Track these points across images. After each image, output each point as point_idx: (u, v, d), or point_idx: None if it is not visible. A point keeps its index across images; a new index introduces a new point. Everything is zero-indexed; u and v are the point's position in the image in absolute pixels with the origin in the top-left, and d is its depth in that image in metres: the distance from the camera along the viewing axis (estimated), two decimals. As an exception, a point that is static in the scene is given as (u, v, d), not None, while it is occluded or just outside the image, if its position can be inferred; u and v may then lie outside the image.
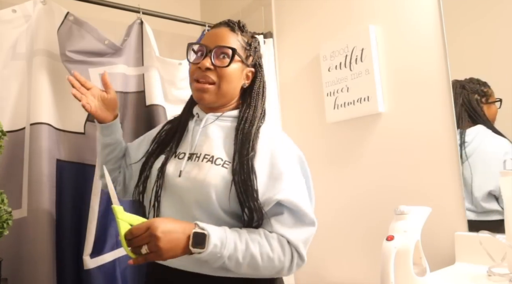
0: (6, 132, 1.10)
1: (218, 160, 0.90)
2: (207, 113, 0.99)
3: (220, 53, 0.94)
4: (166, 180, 0.93)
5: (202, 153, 0.92)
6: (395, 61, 1.42)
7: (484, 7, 1.18)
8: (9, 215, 0.98)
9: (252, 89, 1.00)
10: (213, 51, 0.94)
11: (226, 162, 0.90)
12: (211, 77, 0.93)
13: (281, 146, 0.94)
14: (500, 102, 1.15)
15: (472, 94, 1.21)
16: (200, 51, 0.97)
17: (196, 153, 0.94)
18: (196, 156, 0.93)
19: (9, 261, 1.18)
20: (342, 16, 1.62)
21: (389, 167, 1.43)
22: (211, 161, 0.90)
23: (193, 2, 2.47)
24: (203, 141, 0.95)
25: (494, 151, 1.17)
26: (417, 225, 0.92)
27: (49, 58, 1.39)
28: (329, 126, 1.67)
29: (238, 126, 0.94)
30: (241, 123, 0.94)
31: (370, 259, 1.49)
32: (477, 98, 1.20)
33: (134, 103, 1.54)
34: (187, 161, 0.93)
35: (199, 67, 0.94)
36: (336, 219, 1.63)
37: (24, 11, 1.38)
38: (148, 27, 1.60)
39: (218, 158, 0.90)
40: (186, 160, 0.93)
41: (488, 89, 1.18)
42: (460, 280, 1.02)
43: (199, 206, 0.88)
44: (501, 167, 1.13)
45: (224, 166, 0.89)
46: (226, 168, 0.89)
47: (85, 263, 1.30)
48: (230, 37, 0.96)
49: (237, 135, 0.92)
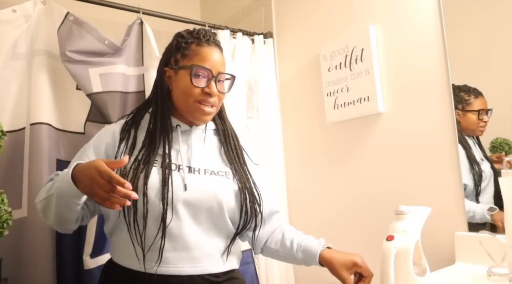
0: (6, 132, 1.10)
1: (220, 172, 0.99)
2: (191, 126, 1.04)
3: (222, 79, 1.01)
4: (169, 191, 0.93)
5: (201, 166, 0.98)
6: (395, 61, 1.42)
7: (484, 7, 1.18)
8: (9, 215, 0.98)
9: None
10: (217, 77, 0.99)
11: (227, 173, 0.99)
12: (216, 102, 1.00)
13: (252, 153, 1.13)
14: (487, 112, 1.17)
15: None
16: (202, 74, 0.98)
17: (193, 166, 0.98)
18: (195, 169, 0.97)
19: (9, 261, 1.18)
20: (342, 16, 1.62)
21: (389, 167, 1.43)
22: (214, 173, 0.98)
23: (193, 2, 2.47)
24: (197, 154, 1.00)
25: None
26: (417, 225, 0.92)
27: (49, 58, 1.39)
28: (329, 126, 1.67)
29: (225, 140, 1.06)
30: (226, 137, 1.06)
31: (370, 259, 1.49)
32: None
33: (134, 103, 1.53)
34: (177, 172, 0.96)
35: (208, 93, 0.97)
36: (336, 219, 1.63)
37: (24, 11, 1.38)
38: (148, 27, 1.60)
39: (219, 170, 1.00)
40: (187, 173, 0.96)
41: (470, 97, 1.20)
42: (460, 280, 1.03)
43: (209, 215, 0.95)
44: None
45: (227, 177, 0.99)
46: (229, 178, 0.99)
47: (85, 263, 1.30)
48: (224, 61, 1.03)
49: (227, 150, 1.04)
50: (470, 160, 1.20)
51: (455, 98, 1.23)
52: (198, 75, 0.97)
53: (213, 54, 1.00)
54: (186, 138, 1.02)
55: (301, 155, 1.80)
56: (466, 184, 1.20)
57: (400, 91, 1.41)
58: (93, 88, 1.41)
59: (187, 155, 0.99)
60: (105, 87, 1.43)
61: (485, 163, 1.17)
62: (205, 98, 0.97)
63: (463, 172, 1.21)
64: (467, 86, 1.22)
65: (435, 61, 1.30)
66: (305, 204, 1.80)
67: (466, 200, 1.20)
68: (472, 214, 1.19)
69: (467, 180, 1.20)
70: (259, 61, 1.86)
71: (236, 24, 2.09)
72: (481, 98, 1.19)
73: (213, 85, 0.97)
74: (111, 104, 1.44)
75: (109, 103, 1.43)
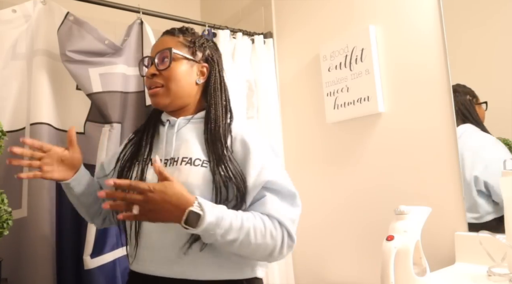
0: (6, 132, 1.10)
1: (196, 161, 0.91)
2: (178, 118, 1.01)
3: (162, 57, 0.98)
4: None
5: (180, 157, 0.93)
6: (395, 61, 1.42)
7: (484, 6, 1.18)
8: (9, 215, 0.98)
9: (209, 86, 1.02)
10: (155, 58, 0.98)
11: (205, 161, 0.91)
12: (158, 81, 0.97)
13: (252, 137, 0.96)
14: (486, 104, 1.18)
15: (464, 95, 1.23)
16: (147, 63, 1.04)
17: (173, 157, 0.95)
18: (174, 161, 0.94)
19: (9, 261, 1.18)
20: (342, 16, 1.62)
21: (389, 167, 1.43)
22: (189, 163, 0.91)
23: (193, 2, 2.47)
24: (179, 145, 0.96)
25: (482, 145, 1.20)
26: (417, 225, 0.92)
27: (49, 58, 1.39)
28: (329, 126, 1.67)
29: (205, 128, 0.96)
30: (207, 125, 0.96)
31: (370, 259, 1.49)
32: (469, 99, 1.22)
33: (134, 103, 1.54)
34: (165, 167, 0.94)
35: (147, 76, 0.99)
36: (336, 219, 1.63)
37: (24, 11, 1.38)
38: (148, 27, 1.60)
39: (196, 159, 0.92)
40: (163, 166, 0.94)
41: (474, 92, 1.22)
42: (460, 280, 1.02)
43: None
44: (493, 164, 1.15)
45: (204, 166, 0.90)
46: (206, 167, 0.90)
47: (85, 263, 1.30)
48: (169, 41, 0.99)
49: (206, 138, 0.94)
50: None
51: (469, 94, 1.23)
52: (142, 66, 1.06)
53: (156, 42, 1.02)
54: (171, 130, 1.00)
55: (301, 155, 1.80)
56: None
57: (400, 91, 1.41)
58: (93, 88, 1.41)
59: (166, 147, 0.98)
60: (105, 87, 1.43)
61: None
62: (148, 82, 0.99)
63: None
64: (461, 84, 1.24)
65: (435, 61, 1.30)
66: (305, 204, 1.79)
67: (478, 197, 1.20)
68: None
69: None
70: (259, 61, 1.86)
71: (236, 24, 2.09)
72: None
73: (151, 67, 0.98)
74: (111, 104, 1.44)
75: (109, 103, 1.43)
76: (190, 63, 1.00)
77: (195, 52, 1.01)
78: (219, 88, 1.01)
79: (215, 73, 1.02)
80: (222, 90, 1.02)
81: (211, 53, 1.04)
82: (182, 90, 0.98)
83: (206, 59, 1.03)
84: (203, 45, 1.03)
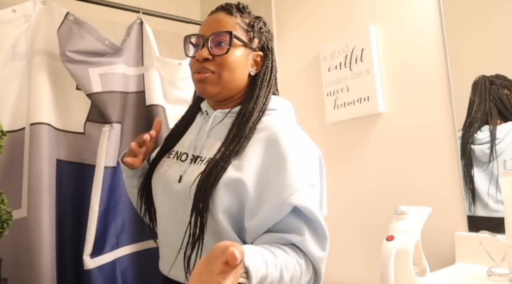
0: (6, 132, 1.11)
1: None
2: (216, 110, 0.90)
3: (217, 40, 0.84)
4: (165, 184, 0.87)
5: (206, 157, 0.84)
6: (395, 61, 1.42)
7: (485, 7, 1.18)
8: (9, 215, 0.98)
9: (257, 77, 0.89)
10: (209, 39, 0.84)
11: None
12: (210, 67, 0.84)
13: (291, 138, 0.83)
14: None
15: (502, 89, 1.12)
16: (197, 42, 0.89)
17: (200, 156, 0.85)
18: (201, 159, 0.84)
19: (9, 261, 1.18)
20: (342, 16, 1.62)
21: (389, 167, 1.43)
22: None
23: (193, 2, 2.47)
24: (209, 143, 0.87)
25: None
26: (417, 225, 0.92)
27: (49, 58, 1.39)
28: (329, 126, 1.67)
29: (235, 121, 0.84)
30: (238, 117, 0.84)
31: (370, 259, 1.49)
32: (507, 94, 1.11)
33: (134, 103, 1.54)
34: (190, 163, 0.85)
35: (197, 60, 0.85)
36: (336, 219, 1.63)
37: (24, 11, 1.38)
38: (148, 27, 1.60)
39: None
40: (189, 163, 0.85)
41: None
42: (460, 280, 1.02)
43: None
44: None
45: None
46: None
47: (85, 263, 1.30)
48: (227, 21, 0.86)
49: (230, 130, 0.82)
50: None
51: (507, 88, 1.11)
52: (190, 44, 0.90)
53: (210, 18, 0.88)
54: (205, 124, 0.91)
55: (301, 155, 1.79)
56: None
57: (400, 91, 1.41)
58: (93, 88, 1.41)
59: (196, 143, 0.89)
60: (105, 87, 1.43)
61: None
62: (198, 66, 0.85)
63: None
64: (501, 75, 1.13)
65: (435, 61, 1.30)
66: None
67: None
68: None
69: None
70: (259, 61, 1.86)
71: (236, 24, 2.09)
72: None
73: (204, 50, 0.84)
74: (111, 104, 1.44)
75: (109, 103, 1.43)
76: (246, 51, 0.87)
77: (253, 39, 0.89)
78: (268, 79, 0.89)
79: (268, 63, 0.90)
80: (269, 82, 0.90)
81: (267, 41, 0.92)
82: (234, 80, 0.86)
83: (262, 47, 0.91)
84: (261, 30, 0.91)
